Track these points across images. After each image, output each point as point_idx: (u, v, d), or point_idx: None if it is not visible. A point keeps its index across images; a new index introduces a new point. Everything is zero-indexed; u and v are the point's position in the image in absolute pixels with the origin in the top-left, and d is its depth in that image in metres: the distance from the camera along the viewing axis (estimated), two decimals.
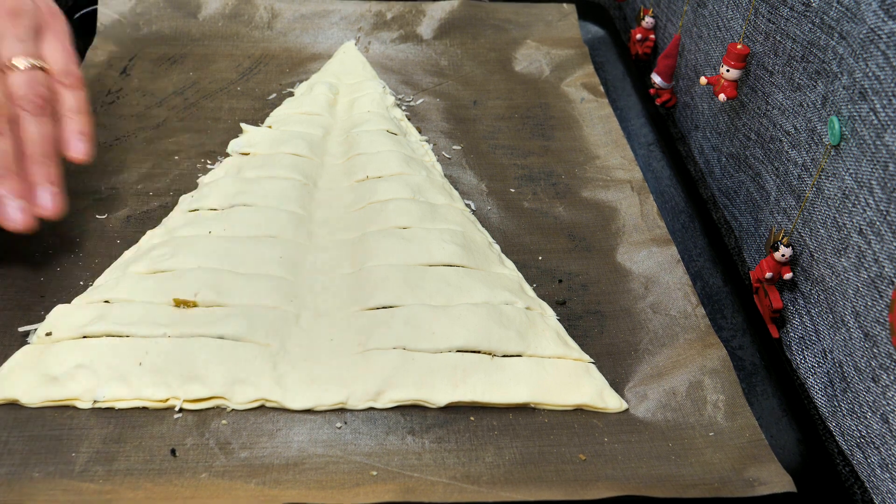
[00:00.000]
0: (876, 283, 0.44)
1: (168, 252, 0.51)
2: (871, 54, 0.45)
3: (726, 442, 0.44)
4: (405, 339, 0.47)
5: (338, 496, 0.39)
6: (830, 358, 0.48)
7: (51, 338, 0.46)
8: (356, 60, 0.74)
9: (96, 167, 0.60)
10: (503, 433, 0.44)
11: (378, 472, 0.41)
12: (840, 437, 0.46)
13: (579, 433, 0.44)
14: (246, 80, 0.72)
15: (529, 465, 0.42)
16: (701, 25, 0.69)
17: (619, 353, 0.49)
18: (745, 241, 0.61)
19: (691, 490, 0.41)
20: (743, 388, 0.46)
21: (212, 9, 0.78)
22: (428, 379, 0.45)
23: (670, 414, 0.45)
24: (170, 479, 0.40)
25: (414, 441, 0.43)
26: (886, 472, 0.42)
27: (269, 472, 0.41)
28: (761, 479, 0.41)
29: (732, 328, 0.50)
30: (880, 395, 0.43)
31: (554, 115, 0.70)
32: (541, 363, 0.47)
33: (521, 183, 0.62)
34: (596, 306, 0.52)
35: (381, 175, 0.59)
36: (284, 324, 0.48)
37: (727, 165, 0.65)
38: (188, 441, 0.42)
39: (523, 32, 0.80)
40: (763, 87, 0.58)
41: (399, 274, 0.51)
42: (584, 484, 0.41)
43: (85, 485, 0.39)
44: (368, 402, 0.45)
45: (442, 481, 0.41)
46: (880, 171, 0.44)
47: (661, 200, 0.60)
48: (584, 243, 0.57)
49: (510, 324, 0.48)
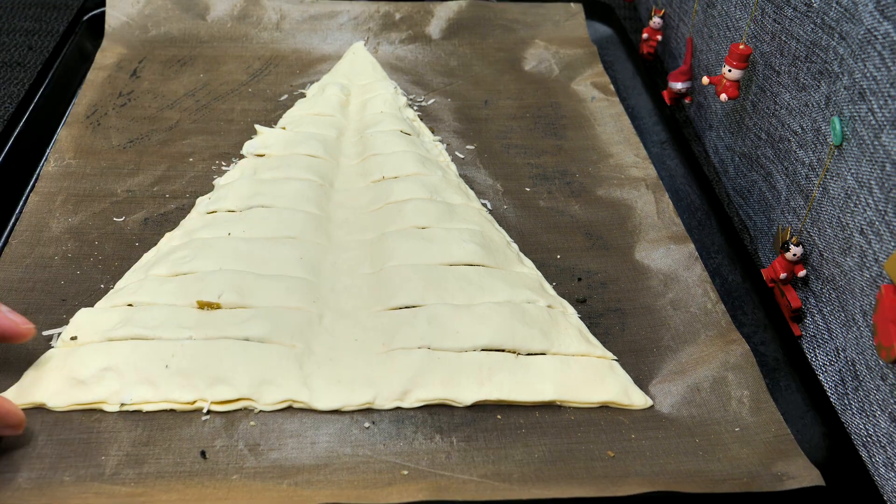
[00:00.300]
0: (877, 282, 0.44)
1: (189, 254, 0.51)
2: (869, 55, 0.45)
3: (752, 437, 0.44)
4: (429, 339, 0.47)
5: (371, 496, 0.39)
6: (843, 356, 0.49)
7: (76, 342, 0.46)
8: (366, 61, 0.74)
9: (112, 170, 0.60)
10: (531, 431, 0.44)
11: (409, 471, 0.41)
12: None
13: (606, 430, 0.44)
14: (256, 81, 0.72)
15: (559, 462, 0.42)
16: (711, 25, 0.69)
17: (641, 351, 0.49)
18: (759, 240, 0.62)
19: (721, 485, 0.41)
20: (766, 384, 0.46)
21: (220, 10, 0.78)
22: (454, 378, 0.45)
23: (695, 410, 0.46)
24: (201, 480, 0.40)
25: (442, 440, 0.43)
26: (891, 472, 0.43)
27: (299, 472, 0.41)
28: (789, 474, 0.41)
29: (753, 324, 0.51)
30: (888, 394, 0.43)
31: (565, 115, 0.70)
32: (565, 361, 0.47)
33: (535, 182, 0.63)
34: (616, 304, 0.52)
35: (397, 175, 0.59)
36: (308, 325, 0.48)
37: (740, 165, 0.65)
38: (217, 443, 0.42)
39: (531, 32, 0.80)
40: (771, 86, 0.59)
41: (420, 274, 0.51)
42: (615, 480, 0.41)
43: (116, 488, 0.39)
44: (395, 402, 0.45)
45: (473, 479, 0.41)
46: (878, 171, 0.44)
47: (677, 198, 0.61)
48: (602, 241, 0.57)
49: (533, 322, 0.48)
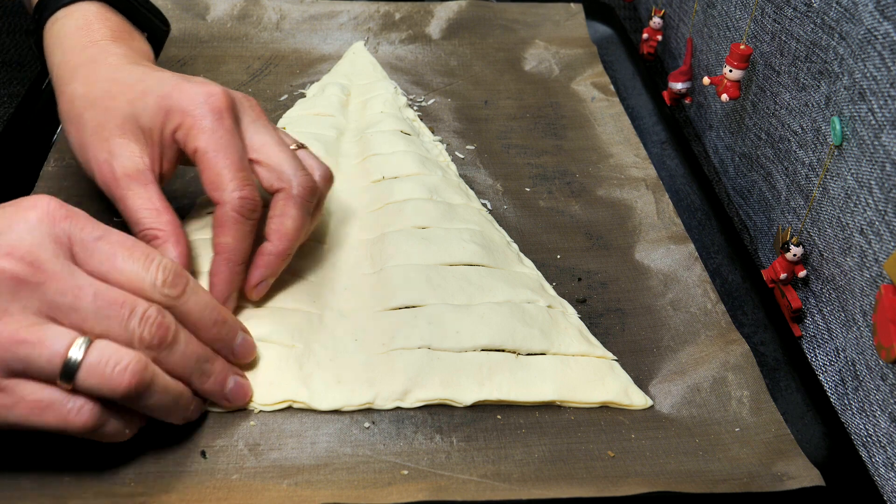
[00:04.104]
0: (877, 282, 0.44)
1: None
2: (869, 55, 0.45)
3: (752, 437, 0.44)
4: (429, 339, 0.47)
5: (371, 496, 0.39)
6: (843, 356, 0.49)
7: None
8: (366, 61, 0.74)
9: None
10: (531, 431, 0.44)
11: (408, 471, 0.41)
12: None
13: (606, 430, 0.44)
14: (256, 81, 0.72)
15: (559, 462, 0.42)
16: (711, 25, 0.69)
17: (641, 351, 0.49)
18: (759, 241, 0.62)
19: (721, 485, 0.41)
20: (766, 384, 0.46)
21: (220, 10, 0.78)
22: (454, 378, 0.45)
23: (695, 410, 0.46)
24: (201, 480, 0.40)
25: (442, 440, 0.43)
26: (891, 472, 0.43)
27: (300, 472, 0.41)
28: (789, 474, 0.42)
29: (753, 324, 0.51)
30: (888, 394, 0.43)
31: (565, 115, 0.70)
32: (565, 361, 0.47)
33: (535, 182, 0.63)
34: (616, 304, 0.52)
35: (397, 175, 0.59)
36: (308, 325, 0.48)
37: (740, 165, 0.65)
38: (217, 443, 0.42)
39: (531, 32, 0.80)
40: (771, 86, 0.59)
41: (421, 274, 0.51)
42: (615, 480, 0.41)
43: (116, 487, 0.39)
44: (395, 402, 0.45)
45: (473, 479, 0.41)
46: (878, 171, 0.44)
47: (676, 199, 0.61)
48: (602, 241, 0.57)
49: (533, 322, 0.48)
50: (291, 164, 0.46)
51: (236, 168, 0.44)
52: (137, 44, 0.53)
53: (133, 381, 0.36)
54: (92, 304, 0.37)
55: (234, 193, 0.44)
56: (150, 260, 0.39)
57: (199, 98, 0.44)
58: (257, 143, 0.46)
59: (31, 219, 0.37)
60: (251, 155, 0.46)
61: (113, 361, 0.36)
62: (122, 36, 0.52)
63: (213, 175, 0.44)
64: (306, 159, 0.48)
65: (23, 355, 0.35)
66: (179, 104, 0.44)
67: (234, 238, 0.44)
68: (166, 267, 0.39)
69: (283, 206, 0.45)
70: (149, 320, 0.37)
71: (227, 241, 0.44)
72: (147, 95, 0.45)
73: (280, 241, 0.45)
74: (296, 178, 0.46)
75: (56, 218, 0.38)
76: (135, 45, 0.53)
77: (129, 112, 0.45)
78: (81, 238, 0.38)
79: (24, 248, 0.36)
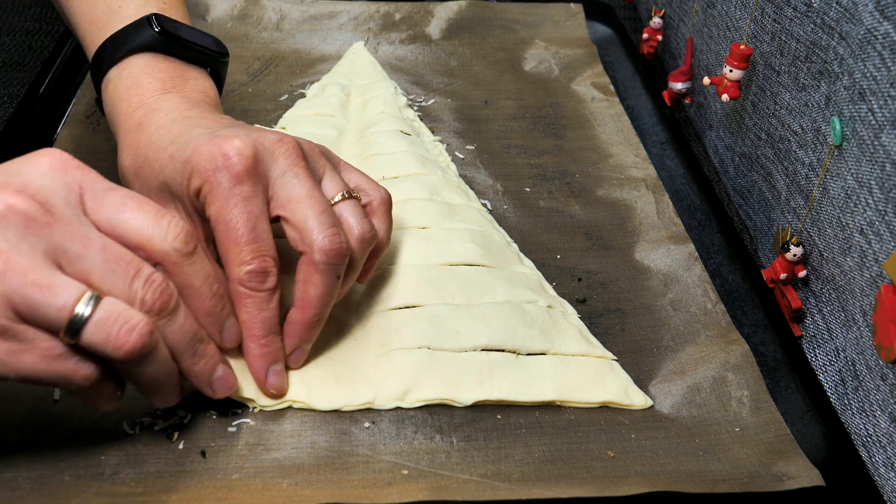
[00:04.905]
0: (877, 282, 0.44)
1: None
2: (869, 55, 0.45)
3: (752, 437, 0.44)
4: (429, 339, 0.47)
5: (371, 495, 0.39)
6: (843, 356, 0.49)
7: None
8: (366, 61, 0.74)
9: (112, 170, 0.60)
10: (531, 431, 0.44)
11: (409, 471, 0.41)
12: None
13: (606, 430, 0.44)
14: (257, 81, 0.72)
15: (559, 462, 0.42)
16: (711, 25, 0.69)
17: (641, 351, 0.49)
18: (759, 241, 0.62)
19: (721, 485, 0.41)
20: (766, 384, 0.46)
21: (220, 11, 0.78)
22: (454, 378, 0.45)
23: (695, 410, 0.46)
24: (201, 480, 0.40)
25: (442, 440, 0.43)
26: (891, 472, 0.43)
27: (299, 472, 0.41)
28: (789, 474, 0.42)
29: (753, 324, 0.51)
30: (888, 394, 0.43)
31: (565, 115, 0.70)
32: (565, 361, 0.47)
33: (535, 182, 0.63)
34: (616, 304, 0.52)
35: (397, 175, 0.59)
36: None
37: (740, 165, 0.65)
38: (217, 443, 0.42)
39: (531, 32, 0.80)
40: (771, 86, 0.59)
41: (421, 274, 0.51)
42: (615, 480, 0.41)
43: (116, 487, 0.39)
44: (395, 402, 0.45)
45: (473, 479, 0.41)
46: (878, 171, 0.44)
47: (676, 199, 0.61)
48: (602, 242, 0.57)
49: (533, 322, 0.48)
50: (318, 223, 0.41)
51: (245, 240, 0.41)
52: (192, 85, 0.50)
53: (139, 343, 0.35)
54: (99, 255, 0.36)
55: (240, 268, 0.41)
56: (161, 215, 0.38)
57: (215, 162, 0.41)
58: (283, 197, 0.42)
59: (43, 164, 0.37)
60: (277, 211, 0.42)
61: (122, 320, 0.35)
62: (174, 84, 0.49)
63: (221, 248, 0.41)
64: (346, 215, 0.44)
65: (34, 300, 0.34)
66: (198, 167, 0.41)
67: (248, 314, 0.42)
68: (178, 224, 0.38)
69: (305, 271, 0.42)
70: (153, 284, 0.37)
71: (242, 318, 0.42)
72: (175, 160, 0.43)
73: (304, 310, 0.43)
74: (318, 241, 0.41)
75: (69, 166, 0.37)
76: (187, 89, 0.49)
77: (162, 180, 0.43)
78: (93, 187, 0.37)
79: (35, 188, 0.36)
